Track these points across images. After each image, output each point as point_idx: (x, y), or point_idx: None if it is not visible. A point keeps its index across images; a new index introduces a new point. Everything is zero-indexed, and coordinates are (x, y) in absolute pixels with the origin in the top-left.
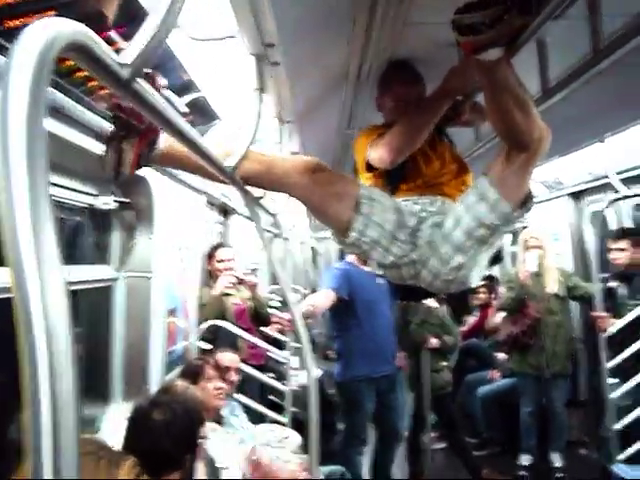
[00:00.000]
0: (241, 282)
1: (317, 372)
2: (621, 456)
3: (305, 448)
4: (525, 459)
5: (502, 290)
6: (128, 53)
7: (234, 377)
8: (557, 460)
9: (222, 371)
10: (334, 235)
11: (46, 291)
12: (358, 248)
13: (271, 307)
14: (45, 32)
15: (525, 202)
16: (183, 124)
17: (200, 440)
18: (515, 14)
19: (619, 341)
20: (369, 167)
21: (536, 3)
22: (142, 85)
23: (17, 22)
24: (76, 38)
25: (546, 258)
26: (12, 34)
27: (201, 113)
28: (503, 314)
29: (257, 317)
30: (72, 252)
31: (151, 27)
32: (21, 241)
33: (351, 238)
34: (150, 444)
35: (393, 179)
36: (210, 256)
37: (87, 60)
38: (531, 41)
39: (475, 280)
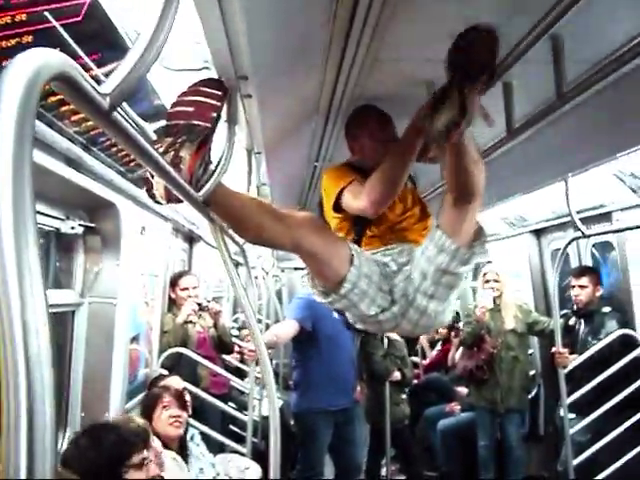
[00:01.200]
0: (204, 309)
1: (278, 402)
2: None
3: (265, 479)
4: None
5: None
6: (109, 83)
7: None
8: None
9: (181, 399)
10: (321, 291)
11: (28, 314)
12: (347, 300)
13: (232, 336)
14: (33, 63)
15: (478, 236)
16: (156, 154)
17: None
18: (470, 84)
19: (579, 377)
20: (337, 208)
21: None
22: (121, 114)
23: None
24: (62, 69)
25: (504, 294)
26: None
27: None
28: (462, 349)
29: (220, 345)
30: None
31: (133, 58)
32: (6, 264)
33: (344, 289)
34: (75, 466)
35: (359, 222)
36: (173, 284)
37: (69, 90)
38: (498, 83)
39: (449, 318)
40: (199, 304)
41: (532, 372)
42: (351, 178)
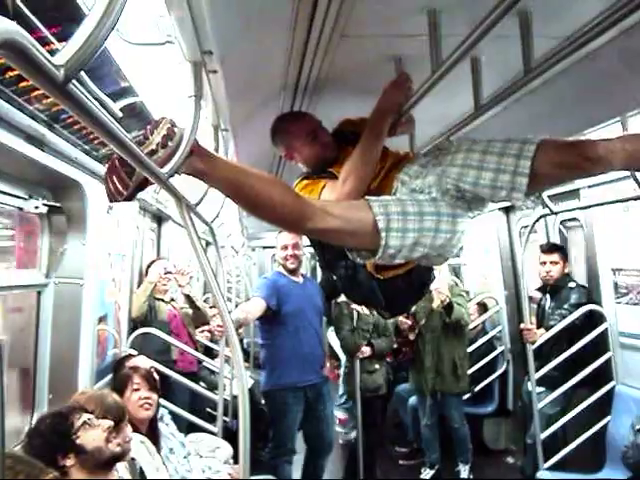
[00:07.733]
0: (170, 272)
1: (249, 381)
2: (546, 464)
3: (236, 458)
4: (426, 473)
5: None
6: (63, 54)
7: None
8: (464, 471)
9: (150, 380)
10: (368, 251)
11: None
12: (396, 231)
13: None
14: None
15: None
16: (117, 129)
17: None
18: None
19: (547, 352)
20: None
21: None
22: (77, 87)
23: None
24: (8, 36)
25: (441, 272)
26: None
27: (138, 118)
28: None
29: (194, 314)
30: None
31: (89, 28)
32: None
33: (383, 222)
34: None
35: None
36: (148, 272)
37: (19, 60)
38: (466, 58)
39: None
40: (165, 268)
41: (487, 359)
42: (321, 185)
